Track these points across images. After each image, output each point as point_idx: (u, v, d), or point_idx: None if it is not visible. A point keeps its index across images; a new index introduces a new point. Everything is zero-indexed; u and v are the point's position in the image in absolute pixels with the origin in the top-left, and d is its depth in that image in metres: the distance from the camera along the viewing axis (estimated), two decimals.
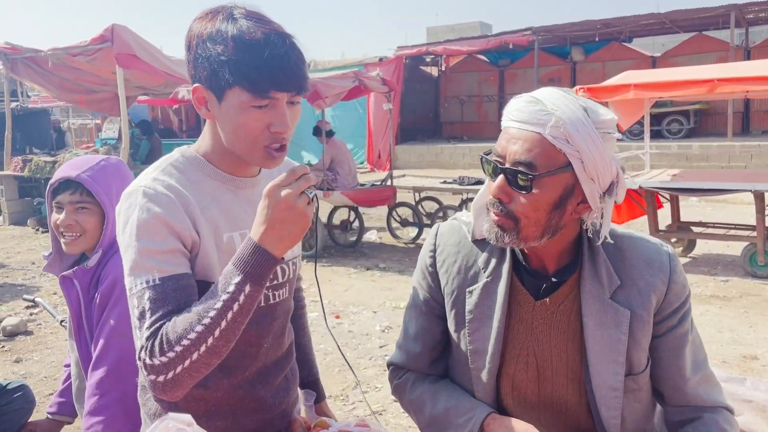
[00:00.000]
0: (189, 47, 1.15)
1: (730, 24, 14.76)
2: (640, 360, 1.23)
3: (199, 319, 1.03)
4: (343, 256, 7.60)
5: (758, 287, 5.69)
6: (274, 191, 1.04)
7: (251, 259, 1.04)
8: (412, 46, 18.74)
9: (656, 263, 1.23)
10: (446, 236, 1.35)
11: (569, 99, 1.14)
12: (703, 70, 6.75)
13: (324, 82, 6.86)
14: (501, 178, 1.15)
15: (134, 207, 1.11)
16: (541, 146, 1.11)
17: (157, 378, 1.05)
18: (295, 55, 1.11)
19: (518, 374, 1.28)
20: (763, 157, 13.09)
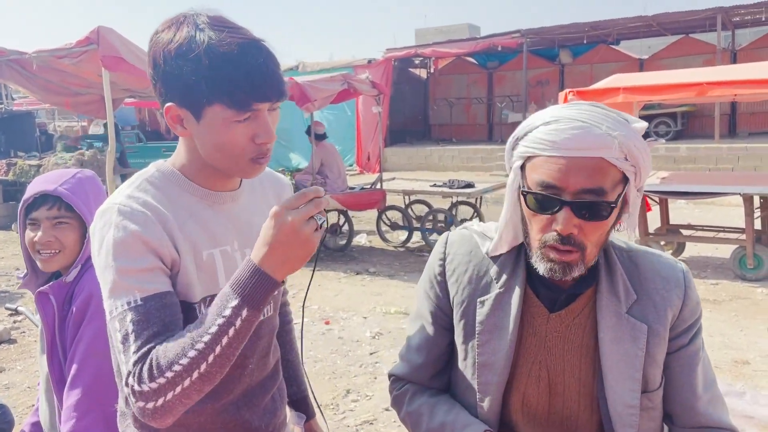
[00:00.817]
0: (155, 65, 1.07)
1: (716, 27, 14.86)
2: (656, 377, 1.20)
3: (192, 343, 0.97)
4: (332, 260, 7.54)
5: (748, 290, 5.71)
6: (282, 213, 0.98)
7: (250, 281, 0.98)
8: (400, 48, 18.71)
9: (672, 279, 1.22)
10: (457, 245, 1.30)
11: (611, 114, 1.11)
12: (692, 73, 6.77)
13: (313, 85, 6.81)
14: (567, 211, 1.09)
15: (109, 226, 1.05)
16: (605, 169, 1.08)
17: (146, 405, 0.99)
18: (272, 63, 1.06)
19: (529, 389, 1.24)
20: (749, 159, 13.18)
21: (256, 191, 1.28)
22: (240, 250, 1.19)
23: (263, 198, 1.30)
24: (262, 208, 1.27)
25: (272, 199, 1.32)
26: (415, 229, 7.94)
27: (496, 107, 19.51)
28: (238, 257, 1.18)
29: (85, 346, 1.55)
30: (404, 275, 6.71)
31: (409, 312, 5.22)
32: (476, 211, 8.06)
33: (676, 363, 1.22)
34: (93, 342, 1.55)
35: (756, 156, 13.12)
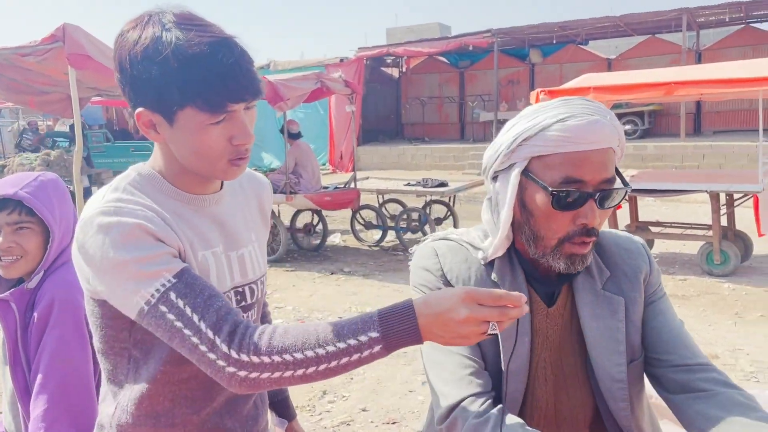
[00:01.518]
0: (122, 69, 1.02)
1: (682, 27, 15.17)
2: (638, 344, 1.25)
3: (315, 344, 0.95)
4: (306, 260, 7.50)
5: (715, 285, 5.83)
6: (468, 301, 0.92)
7: (400, 326, 0.94)
8: (372, 47, 18.70)
9: (634, 250, 1.29)
10: (449, 255, 1.25)
11: (603, 107, 1.16)
12: (660, 73, 6.88)
13: (286, 84, 6.76)
14: (591, 203, 1.12)
15: (106, 228, 1.00)
16: (612, 158, 1.15)
17: (238, 372, 0.95)
18: (245, 61, 1.02)
19: (538, 389, 1.24)
20: (714, 157, 13.49)
21: (237, 193, 1.25)
22: (225, 254, 1.16)
23: (245, 200, 1.27)
24: (244, 210, 1.25)
25: (253, 200, 1.29)
26: (389, 228, 7.94)
27: (468, 106, 19.63)
28: (225, 260, 1.15)
29: (49, 353, 1.50)
30: (379, 275, 6.71)
31: None
32: (450, 210, 8.10)
33: (652, 314, 1.26)
34: (58, 349, 1.50)
35: (720, 154, 13.43)
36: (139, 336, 1.09)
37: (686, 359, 1.19)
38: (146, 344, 1.09)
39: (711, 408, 1.11)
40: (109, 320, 1.09)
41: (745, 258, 6.45)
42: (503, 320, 0.93)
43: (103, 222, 1.01)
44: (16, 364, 1.58)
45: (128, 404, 1.11)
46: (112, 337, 1.10)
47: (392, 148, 17.98)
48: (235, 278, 1.17)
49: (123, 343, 1.10)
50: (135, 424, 1.11)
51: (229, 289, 1.15)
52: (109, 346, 1.11)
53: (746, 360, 4.13)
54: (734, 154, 13.25)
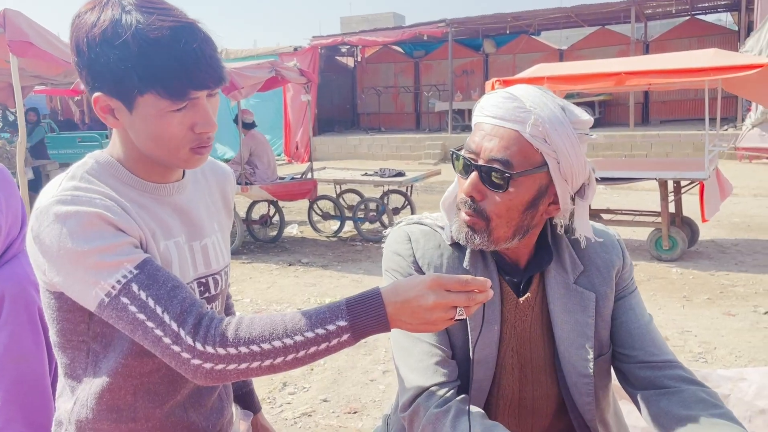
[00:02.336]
0: (79, 52, 0.98)
1: (630, 19, 15.57)
2: (607, 338, 1.25)
3: (282, 334, 0.93)
4: (263, 252, 7.42)
5: (664, 270, 6.03)
6: (435, 287, 0.93)
7: (368, 314, 0.94)
8: (327, 36, 18.57)
9: (609, 243, 1.28)
10: (422, 241, 1.25)
11: (547, 97, 1.12)
12: (611, 63, 7.04)
13: (240, 73, 6.63)
14: (474, 175, 1.12)
15: (63, 217, 0.95)
16: (519, 144, 1.09)
17: (203, 364, 0.93)
18: (209, 47, 0.98)
19: (504, 379, 1.24)
20: (662, 146, 13.92)
21: (199, 182, 1.21)
22: (188, 244, 1.12)
23: (208, 189, 1.23)
24: (207, 200, 1.22)
25: (216, 190, 1.26)
26: (347, 218, 7.91)
27: (423, 96, 19.71)
28: (187, 250, 1.12)
29: (1, 351, 1.44)
30: (337, 265, 6.68)
31: None
32: (407, 200, 8.12)
33: (622, 309, 1.26)
34: (10, 347, 1.44)
35: (667, 143, 13.87)
36: (98, 329, 1.05)
37: (652, 356, 1.21)
38: (106, 337, 1.06)
39: (674, 405, 1.13)
40: (66, 313, 1.05)
41: (692, 243, 6.68)
42: (470, 305, 0.94)
43: (60, 211, 0.96)
44: None
45: (88, 399, 1.07)
46: (70, 330, 1.06)
47: (348, 138, 17.92)
48: (198, 269, 1.14)
49: (81, 336, 1.06)
50: (95, 419, 1.07)
51: (192, 280, 1.12)
52: (66, 339, 1.07)
53: (694, 341, 4.28)
54: (680, 143, 13.70)
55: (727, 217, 8.13)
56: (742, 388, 1.61)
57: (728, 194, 6.69)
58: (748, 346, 4.15)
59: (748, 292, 5.29)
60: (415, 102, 20.29)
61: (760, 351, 4.06)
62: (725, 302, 5.06)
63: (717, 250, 6.70)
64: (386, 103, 20.42)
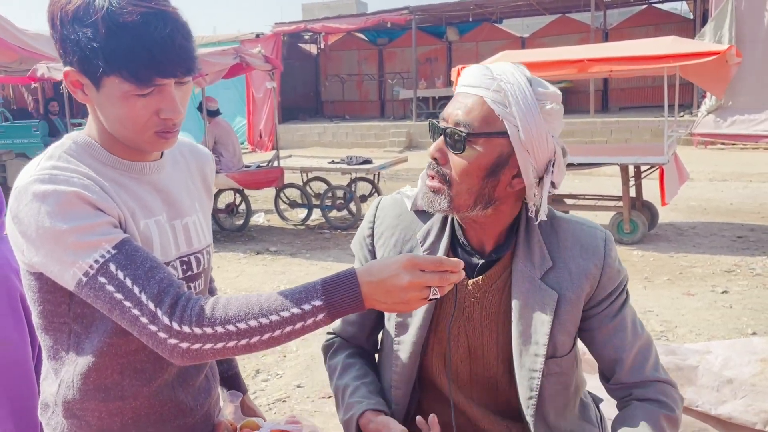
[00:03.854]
0: (53, 25, 1.00)
1: (590, 7, 15.80)
2: (564, 343, 1.23)
3: (259, 313, 0.94)
4: (230, 241, 7.35)
5: (626, 253, 6.19)
6: (409, 267, 0.94)
7: (343, 294, 0.95)
8: (289, 22, 18.36)
9: (591, 247, 1.24)
10: (387, 209, 1.34)
11: (515, 68, 1.16)
12: (573, 50, 7.16)
13: (204, 59, 6.52)
14: (440, 138, 1.17)
15: (41, 196, 0.95)
16: (481, 109, 1.14)
17: (180, 343, 0.94)
18: (180, 35, 0.99)
19: (453, 353, 1.27)
20: (621, 132, 14.23)
21: (179, 163, 1.22)
22: (169, 222, 1.13)
23: (187, 170, 1.24)
24: (187, 180, 1.22)
25: (196, 171, 1.26)
26: (314, 206, 7.89)
27: (388, 84, 19.69)
28: (169, 229, 1.12)
29: None
30: (306, 253, 6.67)
31: None
32: (374, 187, 8.14)
33: (596, 324, 1.25)
34: None
35: (627, 129, 14.19)
36: (79, 309, 1.05)
37: (626, 379, 1.26)
38: (87, 318, 1.06)
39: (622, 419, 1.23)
40: (47, 294, 1.04)
41: (652, 226, 6.88)
42: (444, 285, 0.96)
43: (38, 190, 0.96)
44: None
45: (74, 380, 1.07)
46: (51, 312, 1.06)
47: (312, 126, 17.81)
48: (180, 247, 1.14)
49: (62, 317, 1.06)
50: (82, 399, 1.08)
51: (174, 258, 1.13)
52: (48, 321, 1.07)
53: (656, 321, 4.43)
54: (639, 129, 14.02)
55: (684, 201, 8.37)
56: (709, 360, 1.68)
57: (686, 179, 6.90)
58: (707, 324, 4.31)
59: (705, 272, 5.48)
60: (379, 90, 20.26)
61: (718, 328, 4.22)
62: (684, 283, 5.23)
63: (675, 233, 6.91)
64: (350, 90, 20.34)
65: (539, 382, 1.22)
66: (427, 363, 1.30)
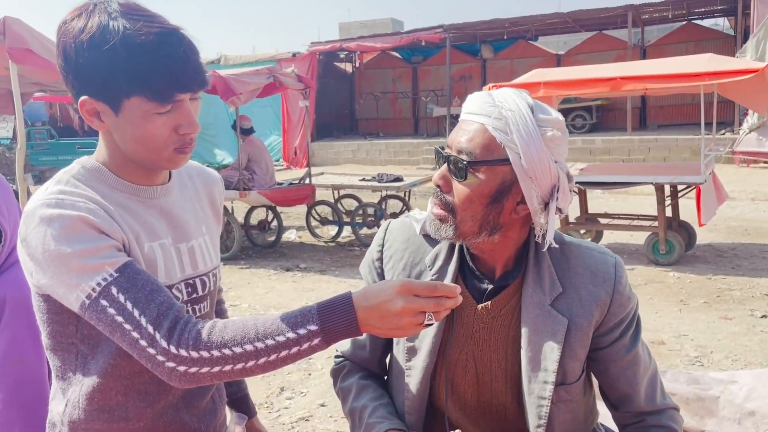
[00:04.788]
0: (66, 57, 1.02)
1: (627, 23, 15.63)
2: (575, 370, 1.22)
3: (255, 338, 0.95)
4: (262, 257, 7.43)
5: (661, 274, 6.04)
6: (404, 293, 0.94)
7: (339, 318, 0.95)
8: (325, 41, 18.61)
9: (601, 274, 1.22)
10: (396, 232, 1.34)
11: (517, 95, 1.16)
12: (607, 68, 7.07)
13: (238, 79, 6.66)
14: (444, 166, 1.18)
15: (48, 220, 0.98)
16: (483, 136, 1.14)
17: (177, 367, 0.95)
18: (192, 52, 1.03)
19: (457, 378, 1.27)
20: (659, 150, 13.96)
21: (186, 187, 1.24)
22: (174, 246, 1.15)
23: (195, 193, 1.26)
24: (194, 203, 1.24)
25: (204, 194, 1.28)
26: (345, 223, 7.93)
27: (421, 101, 19.76)
28: (174, 252, 1.14)
29: (1, 354, 1.46)
30: (335, 270, 6.70)
31: None
32: (405, 205, 8.14)
33: (610, 357, 1.24)
34: (10, 350, 1.46)
35: (665, 147, 13.91)
36: (86, 331, 1.07)
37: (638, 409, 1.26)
38: (93, 339, 1.08)
39: None
40: (55, 315, 1.07)
41: (689, 247, 6.70)
42: (439, 311, 0.95)
43: (45, 214, 0.99)
44: None
45: (79, 400, 1.09)
46: (59, 333, 1.08)
47: (347, 143, 17.95)
48: (185, 270, 1.16)
49: (70, 338, 1.09)
50: (87, 420, 1.09)
51: (179, 281, 1.14)
52: (56, 341, 1.09)
53: (691, 345, 4.30)
54: (678, 147, 13.74)
55: (724, 221, 8.15)
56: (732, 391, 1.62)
57: (725, 199, 6.71)
58: (744, 349, 4.16)
59: (744, 296, 5.30)
60: (413, 107, 20.34)
61: (756, 354, 4.07)
62: (722, 306, 5.07)
63: (714, 254, 6.72)
64: (384, 108, 20.47)
65: (548, 410, 1.20)
66: (435, 388, 1.29)
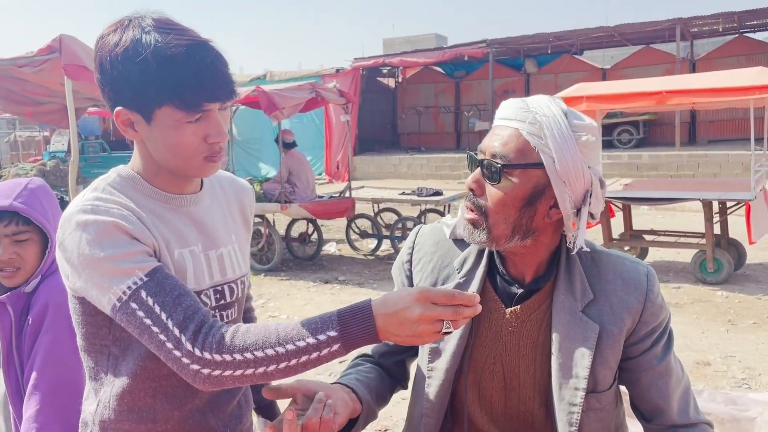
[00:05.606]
0: (102, 69, 1.07)
1: (675, 37, 15.29)
2: (606, 378, 1.21)
3: (276, 342, 0.98)
4: (301, 269, 7.51)
5: (708, 293, 5.86)
6: (422, 300, 0.95)
7: (358, 324, 0.97)
8: (368, 57, 18.79)
9: (633, 282, 1.22)
10: (426, 236, 1.36)
11: (551, 101, 1.18)
12: (652, 82, 6.94)
13: (281, 94, 6.80)
14: (477, 170, 1.19)
15: (82, 226, 1.04)
16: (517, 141, 1.15)
17: (202, 369, 0.98)
18: (221, 63, 1.08)
19: (484, 383, 1.26)
20: (709, 166, 13.55)
21: (217, 196, 1.28)
22: (204, 253, 1.18)
23: (225, 202, 1.30)
24: (224, 212, 1.28)
25: (234, 203, 1.32)
26: (384, 237, 7.95)
27: (464, 116, 19.71)
28: (203, 259, 1.18)
29: (42, 355, 1.52)
30: (374, 283, 6.72)
31: None
32: None
33: (641, 367, 1.22)
34: (51, 352, 1.52)
35: (715, 163, 13.50)
36: (118, 333, 1.12)
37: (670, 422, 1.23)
38: (124, 341, 1.12)
39: None
40: (89, 317, 1.12)
41: (738, 266, 6.48)
42: (457, 319, 0.96)
43: (80, 219, 1.04)
44: (10, 367, 1.60)
45: (110, 400, 1.13)
46: (93, 334, 1.13)
47: (388, 157, 18.03)
48: (214, 276, 1.20)
49: (103, 340, 1.13)
50: (117, 420, 1.13)
51: (207, 287, 1.18)
52: (90, 343, 1.14)
53: (738, 367, 4.14)
54: (729, 163, 13.30)
55: None
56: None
57: None
58: None
59: None
60: (455, 122, 20.30)
61: None
62: None
63: (765, 274, 6.48)
64: (426, 123, 20.49)
65: (579, 417, 1.18)
66: (460, 391, 1.29)
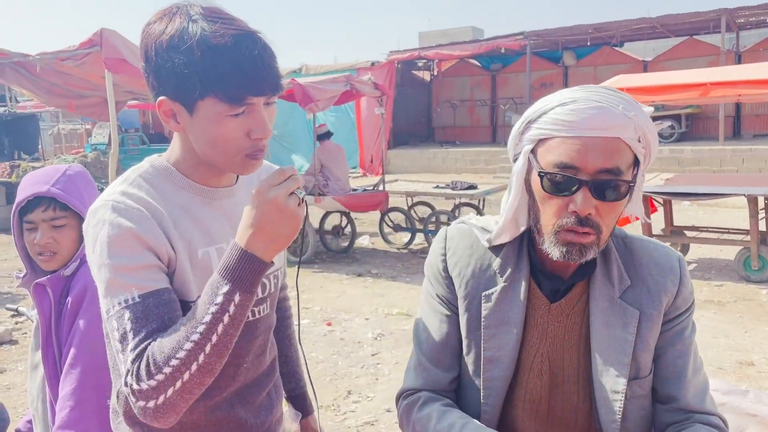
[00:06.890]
0: (147, 58, 1.05)
1: (720, 28, 14.82)
2: (647, 363, 1.19)
3: (188, 335, 0.95)
4: (335, 261, 7.53)
5: (752, 291, 5.67)
6: (263, 191, 0.97)
7: (239, 265, 0.96)
8: (404, 50, 18.72)
9: (667, 266, 1.22)
10: (457, 239, 1.29)
11: (626, 98, 1.12)
12: (695, 74, 6.73)
13: (316, 86, 6.81)
14: (585, 191, 1.08)
15: (103, 223, 1.03)
16: (620, 150, 1.09)
17: (147, 404, 0.96)
18: (268, 55, 1.03)
19: (531, 383, 1.23)
20: (754, 161, 13.13)
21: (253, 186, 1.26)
22: None
23: None
24: None
25: None
26: (417, 230, 7.92)
27: (500, 109, 19.48)
28: None
29: (80, 336, 1.55)
30: (406, 277, 6.69)
31: (411, 314, 5.20)
32: (479, 213, 8.04)
33: (667, 347, 1.21)
34: (88, 332, 1.55)
35: (761, 158, 13.07)
36: None
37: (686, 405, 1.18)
38: None
39: None
40: None
41: None
42: (299, 185, 0.99)
43: (103, 217, 1.04)
44: (48, 349, 1.63)
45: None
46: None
47: (423, 151, 17.95)
48: None
49: None
50: None
51: None
52: None
53: None
54: None
55: None
56: None
57: None
58: None
59: None
60: (491, 115, 20.09)
61: None
62: None
63: None
64: (462, 116, 20.33)
65: (622, 405, 1.15)
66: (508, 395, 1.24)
